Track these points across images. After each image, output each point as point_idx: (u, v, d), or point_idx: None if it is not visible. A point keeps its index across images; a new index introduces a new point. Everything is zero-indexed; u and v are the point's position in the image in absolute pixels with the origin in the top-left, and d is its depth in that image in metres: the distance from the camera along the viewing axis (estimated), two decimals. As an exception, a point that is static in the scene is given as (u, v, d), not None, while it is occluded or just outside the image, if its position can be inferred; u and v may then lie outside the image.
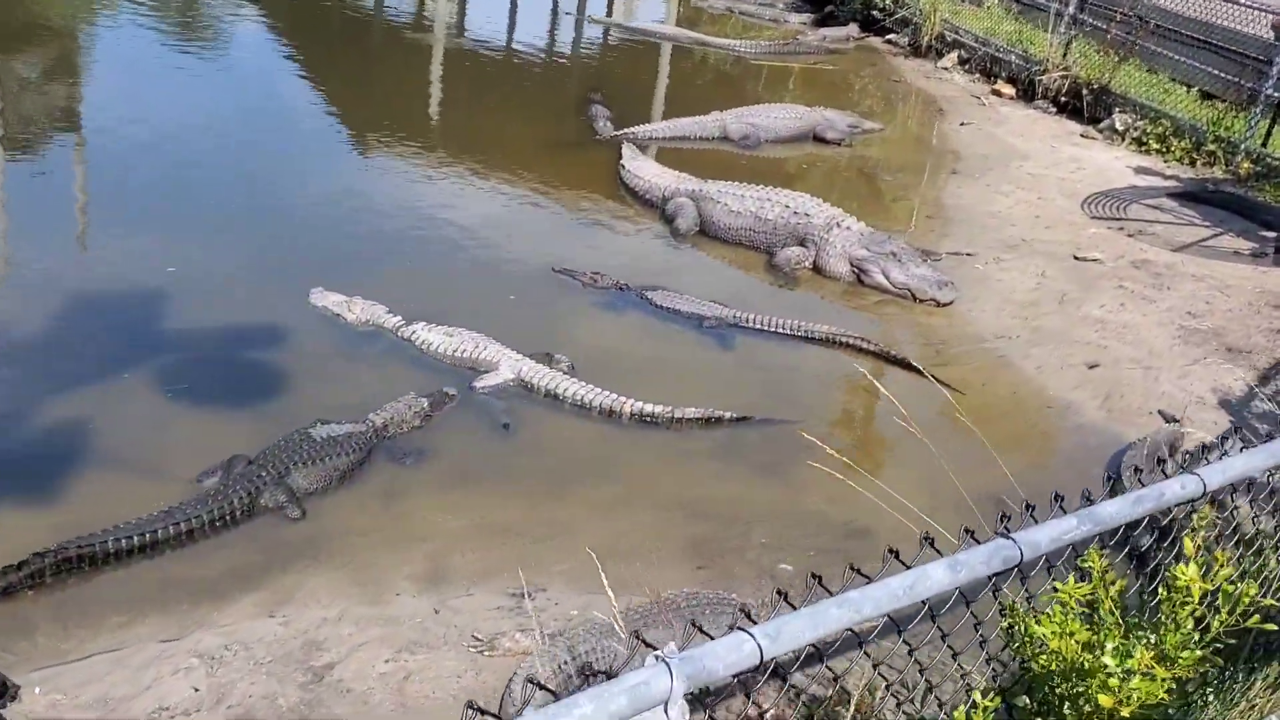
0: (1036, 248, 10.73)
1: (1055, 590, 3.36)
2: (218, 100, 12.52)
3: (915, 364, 8.31)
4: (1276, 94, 12.79)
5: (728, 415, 7.37)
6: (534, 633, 4.97)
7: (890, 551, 3.18)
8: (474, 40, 17.20)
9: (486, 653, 5.14)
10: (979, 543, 3.21)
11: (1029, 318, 9.26)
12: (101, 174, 10.28)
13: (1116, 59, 15.00)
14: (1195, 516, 3.96)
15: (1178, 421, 7.79)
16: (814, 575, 3.05)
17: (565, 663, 4.71)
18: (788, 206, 10.21)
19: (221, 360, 7.53)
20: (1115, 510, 3.50)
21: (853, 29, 19.69)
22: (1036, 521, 3.39)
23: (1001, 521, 3.35)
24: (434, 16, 18.04)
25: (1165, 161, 13.77)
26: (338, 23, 17.32)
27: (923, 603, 3.07)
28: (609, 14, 20.11)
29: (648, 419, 7.28)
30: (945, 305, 9.38)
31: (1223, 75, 14.13)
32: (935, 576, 3.02)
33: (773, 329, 8.66)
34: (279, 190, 10.48)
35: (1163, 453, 7.41)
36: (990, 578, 3.23)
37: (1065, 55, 15.84)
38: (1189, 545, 3.53)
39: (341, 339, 7.84)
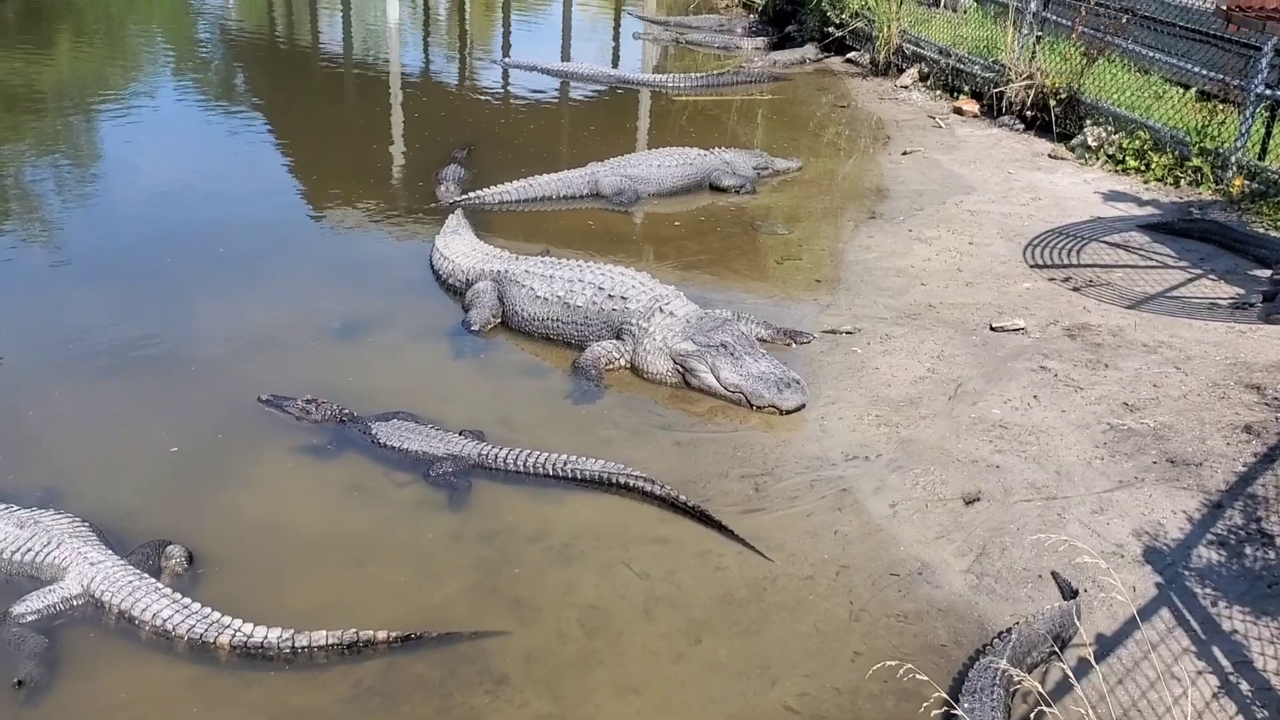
0: (943, 315, 8.23)
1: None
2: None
3: (714, 515, 5.93)
4: (1269, 91, 10.11)
5: (381, 636, 5.01)
6: None
7: None
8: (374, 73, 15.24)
9: None
10: None
11: (901, 425, 6.77)
12: None
13: (1085, 60, 12.42)
14: None
15: (1076, 594, 5.28)
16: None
17: None
18: (600, 288, 7.86)
19: None
20: None
21: (810, 50, 17.63)
22: None
23: None
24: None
25: (1145, 182, 11.16)
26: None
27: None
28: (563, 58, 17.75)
29: (258, 652, 4.96)
30: (790, 412, 6.95)
31: (1213, 73, 11.44)
32: None
33: (527, 470, 6.32)
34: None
35: (1038, 654, 4.93)
36: None
37: (1031, 61, 13.30)
38: None
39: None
